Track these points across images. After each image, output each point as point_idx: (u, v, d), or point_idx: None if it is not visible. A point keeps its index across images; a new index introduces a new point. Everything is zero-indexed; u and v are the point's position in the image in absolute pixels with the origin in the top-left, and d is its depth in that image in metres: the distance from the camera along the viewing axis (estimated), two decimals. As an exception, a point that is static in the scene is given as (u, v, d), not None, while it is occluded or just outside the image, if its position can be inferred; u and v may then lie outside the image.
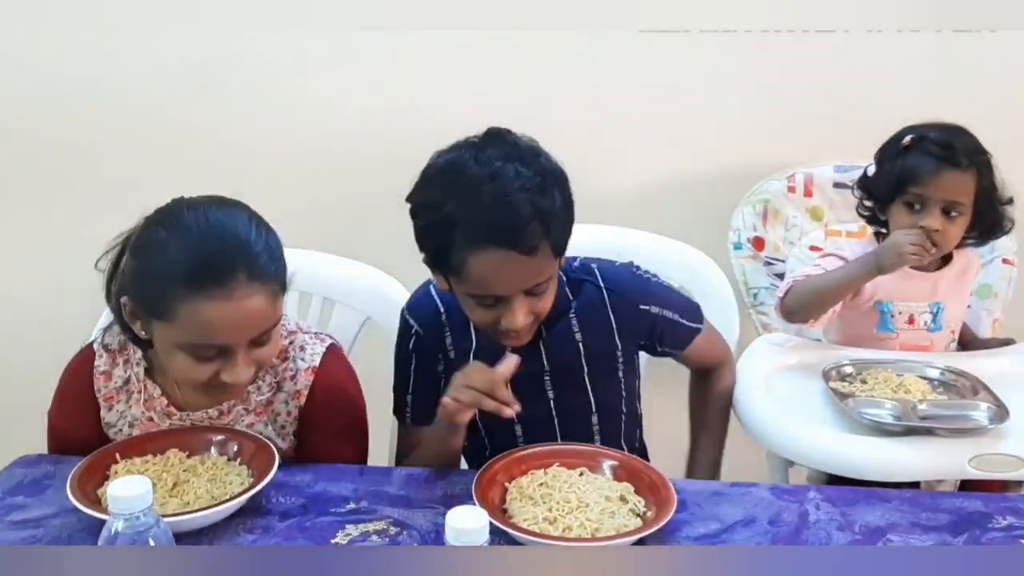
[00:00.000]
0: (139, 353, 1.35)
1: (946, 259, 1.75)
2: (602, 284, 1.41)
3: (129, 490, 0.94)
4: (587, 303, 1.41)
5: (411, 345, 1.44)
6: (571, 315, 1.40)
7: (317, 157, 2.13)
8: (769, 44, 2.02)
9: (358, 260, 1.73)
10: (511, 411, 1.22)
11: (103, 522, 0.96)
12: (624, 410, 1.49)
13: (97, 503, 1.17)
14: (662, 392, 1.62)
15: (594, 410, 1.44)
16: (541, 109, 2.07)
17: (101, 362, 1.36)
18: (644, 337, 1.46)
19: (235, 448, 1.29)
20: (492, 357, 1.29)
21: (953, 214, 1.63)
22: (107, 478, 1.22)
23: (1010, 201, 1.68)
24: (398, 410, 1.47)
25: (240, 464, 1.27)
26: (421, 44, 2.04)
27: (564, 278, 1.40)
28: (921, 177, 1.62)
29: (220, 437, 1.31)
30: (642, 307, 1.42)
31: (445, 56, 2.06)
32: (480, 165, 1.22)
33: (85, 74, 2.08)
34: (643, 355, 1.51)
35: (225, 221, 1.21)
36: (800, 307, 1.69)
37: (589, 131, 2.07)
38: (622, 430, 1.49)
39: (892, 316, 1.72)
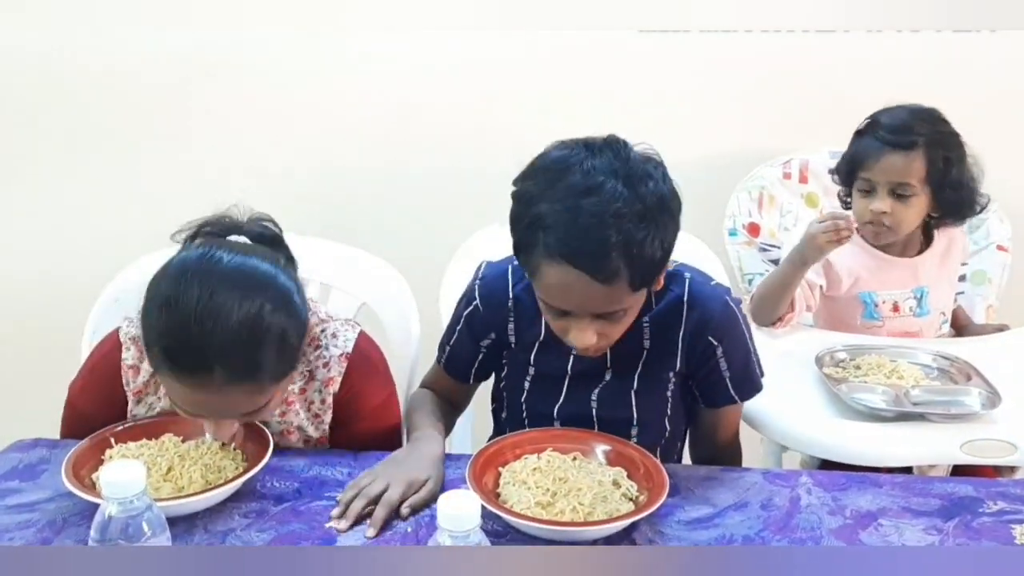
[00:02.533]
0: None
1: (927, 241, 1.75)
2: (686, 300, 1.31)
3: (122, 475, 0.95)
4: (666, 312, 1.31)
5: (467, 312, 1.40)
6: (645, 320, 1.31)
7: (319, 145, 2.13)
8: (769, 44, 2.03)
9: (356, 246, 1.72)
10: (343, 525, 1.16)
11: (97, 506, 0.97)
12: (668, 427, 1.40)
13: (92, 488, 1.17)
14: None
15: (635, 423, 1.37)
16: (541, 108, 2.07)
17: (128, 355, 1.32)
18: (695, 366, 1.35)
19: (229, 433, 1.29)
20: (558, 350, 1.31)
21: (904, 196, 1.63)
22: (102, 463, 1.22)
23: (972, 179, 1.67)
24: (440, 347, 1.46)
25: (235, 449, 1.27)
26: (422, 42, 2.05)
27: None
28: (866, 162, 1.65)
29: (214, 423, 1.31)
30: (711, 339, 1.32)
31: (446, 54, 2.06)
32: (584, 174, 1.16)
33: (95, 63, 2.09)
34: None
35: (225, 304, 1.11)
36: (758, 312, 1.70)
37: (588, 131, 2.06)
38: (661, 443, 1.41)
39: (876, 305, 1.73)
